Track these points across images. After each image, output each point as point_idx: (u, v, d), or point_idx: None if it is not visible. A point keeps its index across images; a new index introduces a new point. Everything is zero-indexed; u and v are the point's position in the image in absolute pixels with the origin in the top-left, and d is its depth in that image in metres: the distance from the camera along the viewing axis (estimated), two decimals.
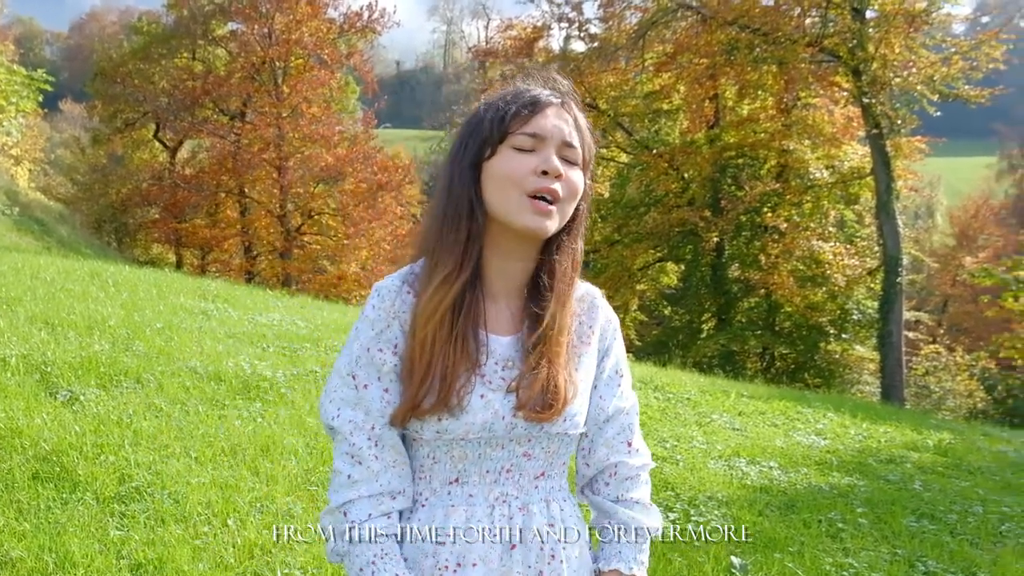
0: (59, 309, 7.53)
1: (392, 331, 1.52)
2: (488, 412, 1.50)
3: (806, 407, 9.16)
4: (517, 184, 1.47)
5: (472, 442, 1.52)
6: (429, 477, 1.55)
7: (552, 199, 1.48)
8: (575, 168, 1.53)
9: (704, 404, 8.42)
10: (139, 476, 4.31)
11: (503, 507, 1.54)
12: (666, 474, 5.63)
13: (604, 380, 1.68)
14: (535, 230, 1.48)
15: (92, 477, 4.22)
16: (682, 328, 25.19)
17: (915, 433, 8.57)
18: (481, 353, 1.52)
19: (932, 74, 18.63)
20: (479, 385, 1.50)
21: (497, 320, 1.56)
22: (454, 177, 1.54)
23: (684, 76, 23.15)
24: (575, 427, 1.57)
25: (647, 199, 24.82)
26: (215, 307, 9.32)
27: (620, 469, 1.68)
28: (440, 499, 1.54)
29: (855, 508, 5.34)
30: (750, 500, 5.31)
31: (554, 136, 1.50)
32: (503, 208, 1.49)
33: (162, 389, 5.76)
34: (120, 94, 28.32)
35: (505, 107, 1.52)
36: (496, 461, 1.54)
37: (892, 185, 19.13)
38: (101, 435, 4.76)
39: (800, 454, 6.79)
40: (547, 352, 1.53)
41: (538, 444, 1.56)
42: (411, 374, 1.49)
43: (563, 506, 1.61)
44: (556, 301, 1.54)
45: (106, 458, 4.47)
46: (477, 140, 1.53)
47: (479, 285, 1.53)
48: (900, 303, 19.31)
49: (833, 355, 23.04)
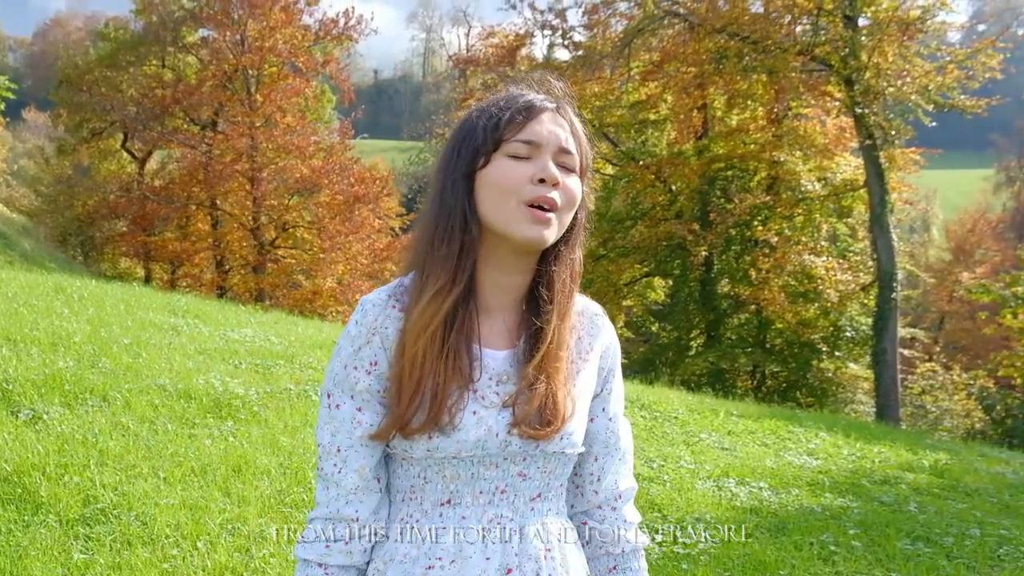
0: (22, 325, 7.50)
1: (371, 348, 1.51)
2: (481, 429, 1.48)
3: (798, 426, 9.19)
4: (513, 193, 1.46)
5: (464, 461, 1.50)
6: (420, 498, 1.53)
7: (550, 208, 1.47)
8: (572, 175, 1.52)
9: (692, 423, 8.45)
10: (105, 497, 4.29)
11: (497, 530, 1.52)
12: (653, 495, 5.65)
13: (613, 402, 1.70)
14: (533, 240, 1.46)
15: (55, 498, 4.20)
16: (670, 345, 25.18)
17: (910, 453, 8.61)
18: (474, 368, 1.50)
19: (927, 83, 18.77)
20: (472, 402, 1.48)
21: (491, 334, 1.55)
22: (446, 187, 1.52)
23: (671, 85, 23.24)
24: (572, 446, 1.56)
25: (633, 212, 24.85)
26: (185, 323, 9.30)
27: (626, 494, 1.70)
28: (431, 521, 1.52)
29: (848, 530, 5.36)
30: (739, 521, 5.33)
31: (550, 143, 1.49)
32: (499, 219, 1.47)
33: (129, 407, 5.74)
34: (86, 102, 28.23)
35: (499, 113, 1.50)
36: (490, 481, 1.52)
37: (886, 198, 19.26)
38: (65, 455, 4.74)
39: (791, 474, 6.81)
40: (546, 367, 1.51)
41: (534, 464, 1.54)
42: (399, 392, 1.47)
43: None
44: (556, 314, 1.54)
45: (70, 479, 4.45)
46: (470, 148, 1.50)
47: (473, 299, 1.52)
48: (895, 320, 19.41)
49: (826, 373, 23.09)
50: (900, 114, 19.44)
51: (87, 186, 30.24)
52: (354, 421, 1.51)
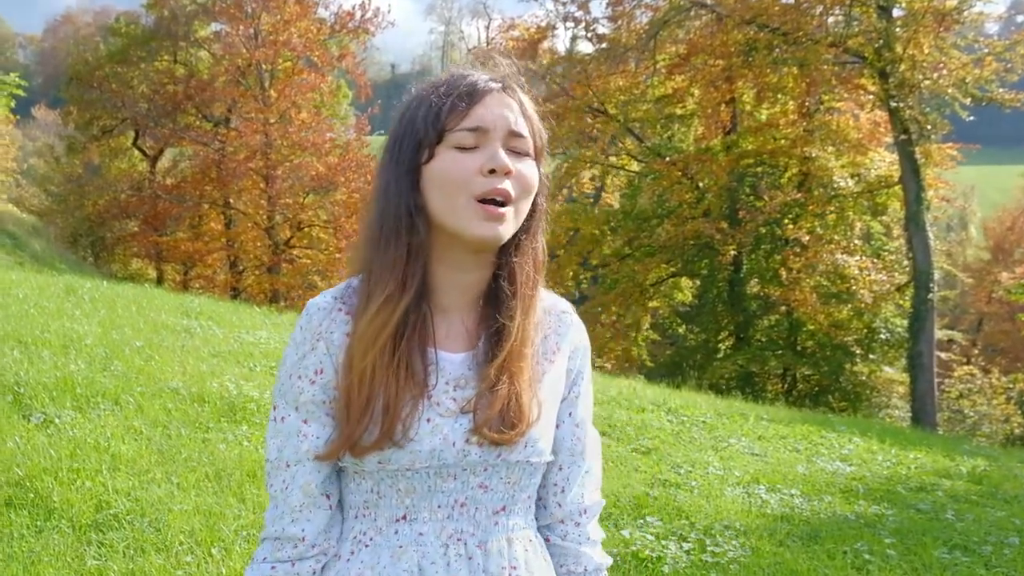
0: (32, 327, 7.57)
1: (316, 355, 1.44)
2: (436, 438, 1.40)
3: (830, 431, 9.16)
4: (462, 188, 1.37)
5: (420, 473, 1.42)
6: (374, 514, 1.46)
7: (504, 200, 1.38)
8: (526, 159, 1.43)
9: (721, 428, 8.43)
10: (117, 503, 4.33)
11: (458, 546, 1.44)
12: (679, 501, 5.64)
13: (581, 407, 1.59)
14: (487, 240, 1.38)
15: (68, 504, 4.24)
16: (697, 348, 25.16)
17: (947, 460, 8.56)
18: (430, 374, 1.42)
19: (964, 76, 18.67)
20: (426, 409, 1.41)
21: (449, 337, 1.47)
22: (389, 186, 1.44)
23: (698, 79, 23.22)
24: (538, 454, 1.48)
25: (659, 210, 24.84)
26: (198, 325, 9.35)
27: (592, 510, 1.61)
28: (386, 539, 1.45)
29: (883, 539, 5.34)
30: (770, 529, 5.32)
31: (498, 126, 1.40)
32: (449, 217, 1.39)
33: (142, 411, 5.78)
34: (97, 99, 28.44)
35: (439, 101, 1.41)
36: (448, 494, 1.44)
37: (922, 195, 19.16)
38: (77, 459, 4.78)
39: (824, 481, 6.79)
40: (509, 366, 1.43)
41: (496, 474, 1.46)
42: (348, 409, 1.40)
43: (528, 546, 1.51)
44: (520, 309, 1.46)
45: (82, 484, 4.49)
46: (411, 142, 1.42)
47: (427, 301, 1.44)
48: (931, 321, 19.30)
49: (859, 377, 22.98)
50: (936, 108, 19.36)
51: (97, 185, 30.40)
52: (300, 435, 1.44)
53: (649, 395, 9.60)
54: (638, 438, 7.40)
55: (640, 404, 8.91)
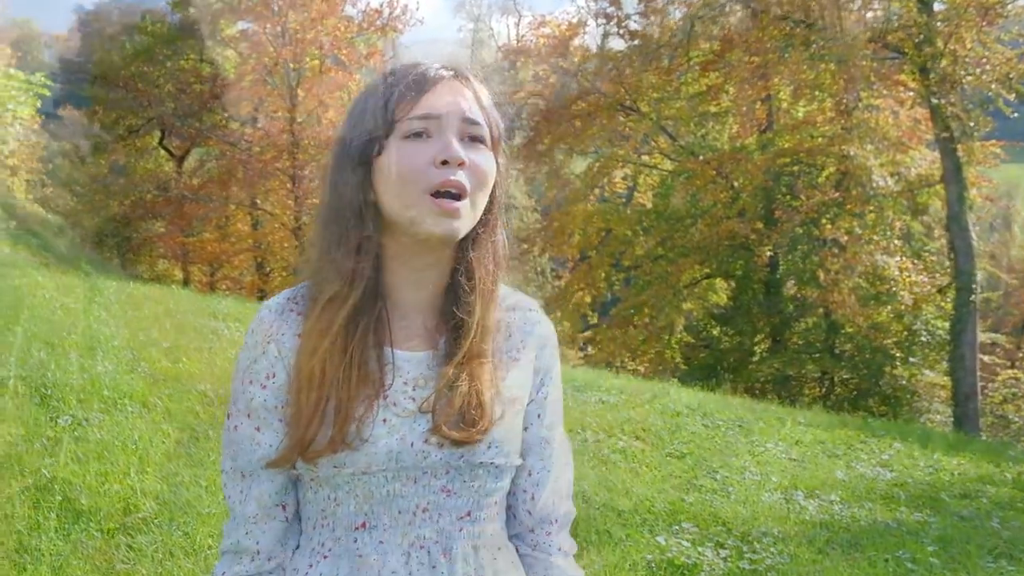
0: (59, 328, 7.65)
1: (267, 358, 1.41)
2: (393, 439, 1.36)
3: (870, 436, 9.09)
4: (414, 182, 1.34)
5: (377, 477, 1.37)
6: (332, 524, 1.41)
7: (459, 193, 1.34)
8: (482, 149, 1.39)
9: (757, 432, 8.40)
10: (146, 506, 4.36)
11: (421, 554, 1.40)
12: (716, 507, 5.62)
13: (551, 408, 1.55)
14: (442, 236, 1.35)
15: (96, 507, 4.28)
16: (732, 350, 25.02)
17: (992, 465, 8.48)
18: (385, 374, 1.39)
19: (1008, 71, 18.47)
20: (382, 410, 1.37)
21: (408, 336, 1.43)
22: (338, 181, 1.41)
23: (733, 76, 23.09)
24: (503, 456, 1.43)
25: (693, 210, 24.72)
26: (226, 326, 9.42)
27: (563, 520, 1.56)
28: (346, 548, 1.40)
29: (926, 547, 5.30)
30: (809, 536, 5.29)
31: (450, 113, 1.37)
32: (402, 214, 1.36)
33: (170, 414, 5.83)
34: (122, 99, 28.65)
35: (388, 91, 1.38)
36: (409, 499, 1.39)
37: (964, 194, 18.98)
38: (105, 462, 4.82)
39: (864, 487, 6.75)
40: (468, 363, 1.40)
41: (459, 477, 1.41)
42: (298, 412, 1.36)
43: (497, 554, 1.47)
44: (479, 304, 1.42)
45: (111, 487, 4.53)
46: (361, 135, 1.38)
47: (382, 300, 1.41)
48: (974, 324, 19.12)
49: (900, 380, 22.77)
50: (979, 104, 19.16)
51: (123, 185, 30.62)
52: (253, 443, 1.41)
53: (683, 399, 9.57)
54: (672, 442, 7.38)
55: (675, 408, 8.89)
